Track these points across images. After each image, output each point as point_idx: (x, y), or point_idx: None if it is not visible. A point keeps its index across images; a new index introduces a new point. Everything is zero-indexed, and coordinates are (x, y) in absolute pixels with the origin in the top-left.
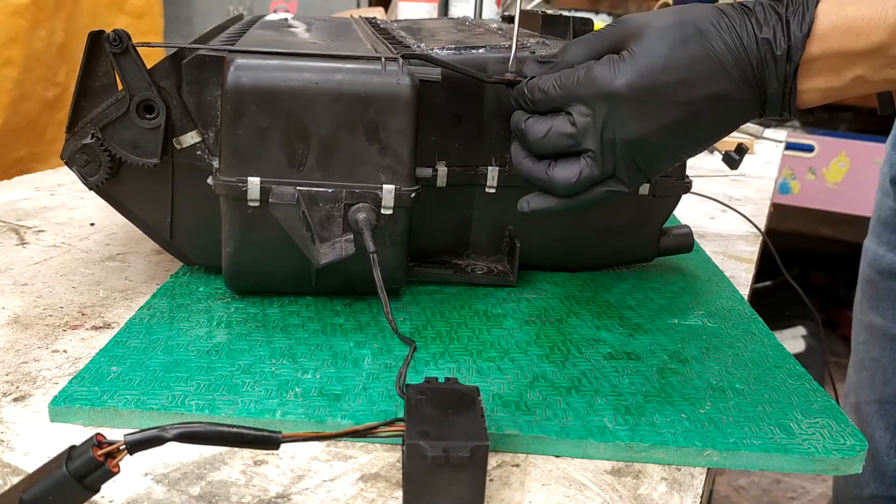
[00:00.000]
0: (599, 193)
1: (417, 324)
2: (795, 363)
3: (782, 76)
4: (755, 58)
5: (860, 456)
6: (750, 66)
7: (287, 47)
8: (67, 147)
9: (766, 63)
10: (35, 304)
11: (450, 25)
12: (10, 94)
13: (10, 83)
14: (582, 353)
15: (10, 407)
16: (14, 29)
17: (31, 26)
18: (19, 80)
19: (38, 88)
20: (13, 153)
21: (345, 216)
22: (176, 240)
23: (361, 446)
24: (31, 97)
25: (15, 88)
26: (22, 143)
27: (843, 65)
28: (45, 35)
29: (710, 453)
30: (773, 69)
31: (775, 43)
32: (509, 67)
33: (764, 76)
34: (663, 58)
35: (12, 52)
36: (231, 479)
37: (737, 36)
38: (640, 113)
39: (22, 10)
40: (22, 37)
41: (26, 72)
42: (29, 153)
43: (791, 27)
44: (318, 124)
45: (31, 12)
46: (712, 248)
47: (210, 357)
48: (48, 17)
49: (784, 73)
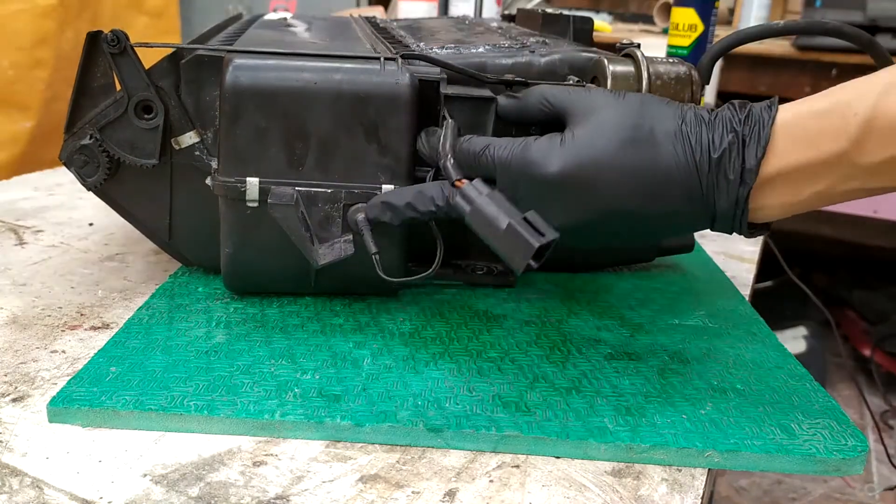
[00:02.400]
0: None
1: (417, 324)
2: (797, 363)
3: (733, 198)
4: (705, 177)
5: (861, 457)
6: (699, 185)
7: (286, 47)
8: (66, 148)
9: (718, 184)
10: (34, 304)
11: (449, 24)
12: (43, 95)
13: (41, 84)
14: (582, 353)
15: (8, 407)
16: (43, 30)
17: (59, 27)
18: (50, 81)
19: (68, 89)
20: (48, 153)
21: (344, 216)
22: (175, 240)
23: (361, 447)
24: (62, 98)
25: (47, 90)
26: (55, 143)
27: (802, 179)
28: (71, 36)
29: (710, 454)
30: (724, 190)
31: (729, 166)
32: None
33: (713, 196)
34: (608, 156)
35: (43, 53)
36: (230, 480)
37: (691, 150)
38: (566, 205)
39: (50, 11)
40: (51, 38)
41: (56, 73)
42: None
43: (747, 150)
44: (317, 124)
45: (59, 13)
46: (713, 249)
47: (209, 357)
48: (74, 17)
49: (736, 196)
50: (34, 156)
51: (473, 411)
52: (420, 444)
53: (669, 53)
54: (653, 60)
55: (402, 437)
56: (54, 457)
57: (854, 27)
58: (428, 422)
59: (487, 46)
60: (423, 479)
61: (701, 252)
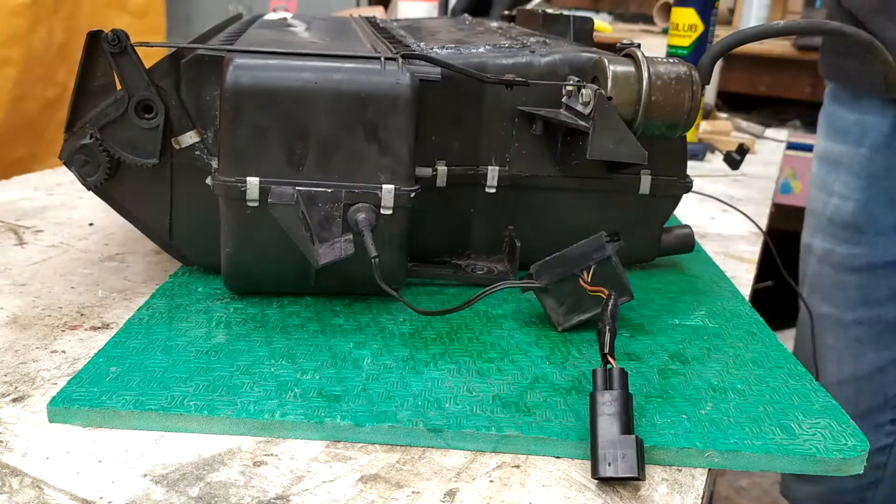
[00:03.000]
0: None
1: (417, 324)
2: (797, 363)
3: None
4: None
5: (861, 456)
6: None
7: (286, 47)
8: (66, 147)
9: None
10: (34, 304)
11: (450, 24)
12: (10, 93)
13: (9, 83)
14: (582, 353)
15: (8, 407)
16: (13, 28)
17: (31, 25)
18: (19, 79)
19: (37, 88)
20: (12, 153)
21: (344, 216)
22: (175, 240)
23: (361, 447)
24: (30, 97)
25: (14, 88)
26: (21, 143)
27: None
28: (44, 34)
29: (711, 454)
30: None
31: None
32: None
33: None
34: None
35: (12, 51)
36: (230, 480)
37: None
38: None
39: (22, 9)
40: (22, 36)
41: (26, 71)
42: (28, 153)
43: None
44: (318, 124)
45: (31, 11)
46: (713, 249)
47: (209, 357)
48: (48, 16)
49: None
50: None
51: (473, 411)
52: (420, 444)
53: (669, 53)
54: (653, 60)
55: (403, 437)
56: (54, 457)
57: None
58: (428, 422)
59: (488, 46)
60: (423, 479)
61: (701, 252)
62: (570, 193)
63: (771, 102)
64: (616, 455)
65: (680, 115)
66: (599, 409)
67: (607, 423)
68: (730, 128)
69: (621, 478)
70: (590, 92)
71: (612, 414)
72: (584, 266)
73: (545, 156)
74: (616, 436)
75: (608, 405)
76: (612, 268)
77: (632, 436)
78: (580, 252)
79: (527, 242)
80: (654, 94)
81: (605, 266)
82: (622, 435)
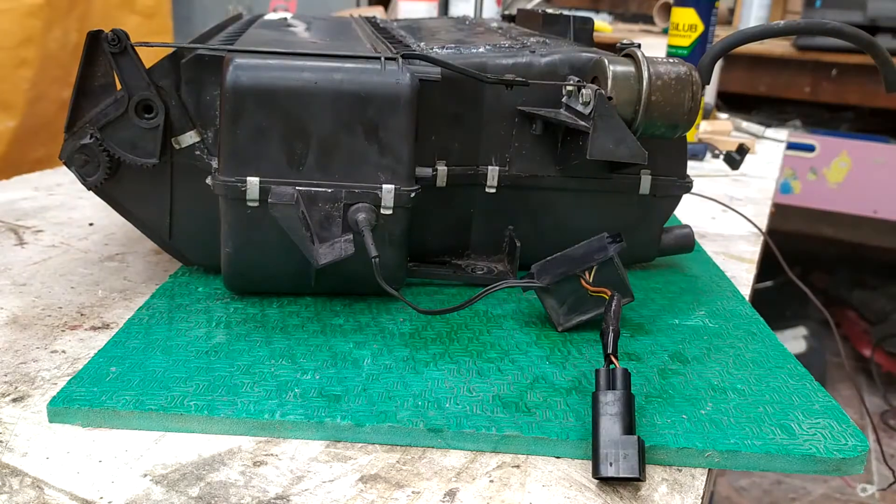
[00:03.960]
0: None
1: (417, 324)
2: (797, 363)
3: None
4: None
5: (861, 456)
6: None
7: (286, 47)
8: (66, 147)
9: None
10: (34, 304)
11: (450, 24)
12: (27, 94)
13: (26, 84)
14: (582, 353)
15: (8, 407)
16: (29, 29)
17: (46, 26)
18: (35, 80)
19: (53, 89)
20: (32, 154)
21: (344, 216)
22: (175, 240)
23: (361, 447)
24: (46, 98)
25: (31, 89)
26: (39, 143)
27: None
28: (59, 35)
29: (711, 454)
30: None
31: None
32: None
33: None
34: None
35: (28, 52)
36: (230, 480)
37: None
38: None
39: (36, 10)
40: (37, 37)
41: (42, 72)
42: (46, 154)
43: None
44: (318, 124)
45: (45, 12)
46: (713, 249)
47: (209, 357)
48: (62, 17)
49: None
50: (17, 156)
51: (473, 411)
52: (420, 444)
53: (669, 53)
54: (653, 60)
55: (403, 437)
56: (54, 457)
57: (854, 27)
58: (428, 422)
59: (488, 46)
60: (423, 479)
61: (701, 252)
62: (570, 193)
63: (771, 102)
64: (618, 455)
65: (680, 115)
66: (602, 409)
67: (609, 423)
68: (730, 128)
69: (622, 478)
70: (590, 92)
71: (615, 414)
72: (585, 266)
73: (545, 156)
74: (618, 436)
75: (611, 405)
76: (613, 269)
77: (634, 436)
78: (582, 252)
79: (527, 242)
80: (654, 94)
81: (607, 267)
82: (624, 435)
